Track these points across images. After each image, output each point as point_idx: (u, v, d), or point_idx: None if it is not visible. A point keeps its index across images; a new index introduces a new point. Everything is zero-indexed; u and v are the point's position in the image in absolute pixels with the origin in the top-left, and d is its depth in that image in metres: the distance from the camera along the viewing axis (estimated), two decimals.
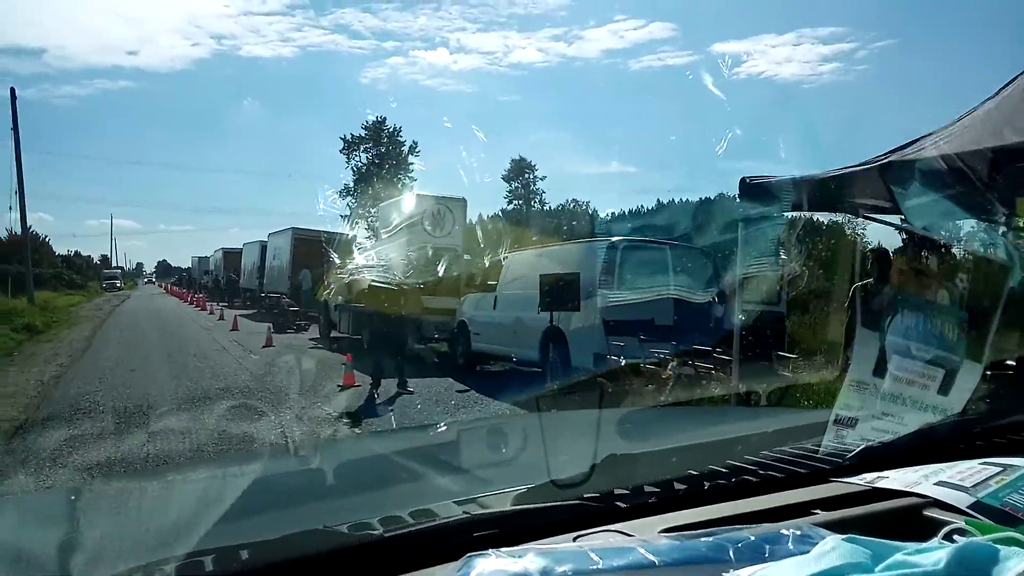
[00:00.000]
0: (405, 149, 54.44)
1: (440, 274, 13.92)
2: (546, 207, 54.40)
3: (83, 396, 9.19)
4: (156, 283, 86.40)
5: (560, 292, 9.63)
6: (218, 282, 41.12)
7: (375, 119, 55.32)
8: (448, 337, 14.06)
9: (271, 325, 19.84)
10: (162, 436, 6.83)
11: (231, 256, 40.10)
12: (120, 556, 0.98)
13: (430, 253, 15.10)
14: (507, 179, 55.04)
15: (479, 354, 12.78)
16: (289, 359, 14.14)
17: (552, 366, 10.20)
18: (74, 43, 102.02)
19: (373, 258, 15.25)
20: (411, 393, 9.94)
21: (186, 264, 69.77)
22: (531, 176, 55.58)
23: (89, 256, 74.77)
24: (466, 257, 16.84)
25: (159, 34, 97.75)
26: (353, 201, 52.42)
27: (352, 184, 53.59)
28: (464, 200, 17.28)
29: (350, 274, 15.92)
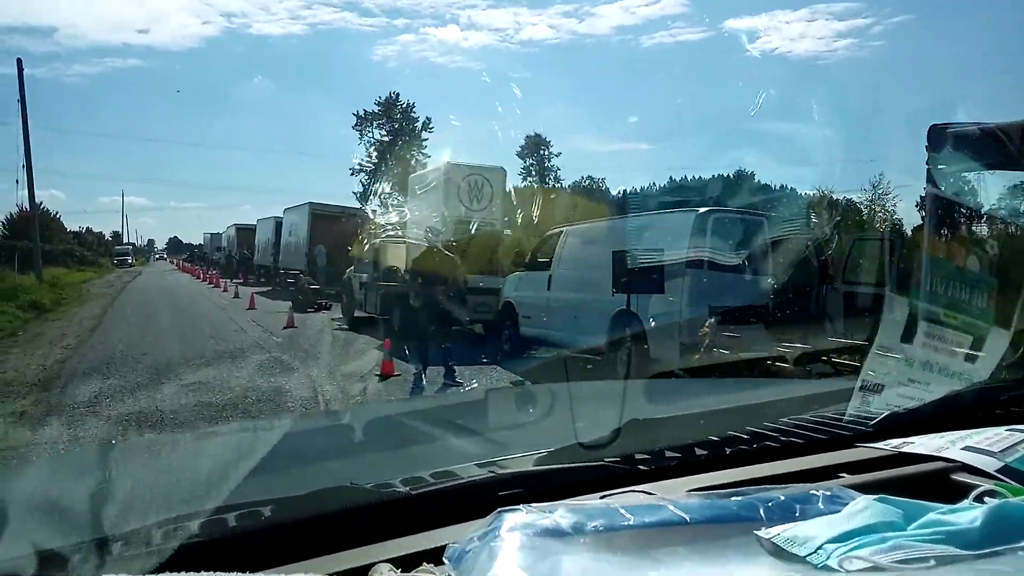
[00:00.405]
0: (419, 125, 53.75)
1: (479, 250, 12.95)
2: (560, 184, 53.41)
3: (88, 386, 8.11)
4: (168, 259, 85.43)
5: (639, 271, 8.16)
6: (231, 259, 40.25)
7: (389, 95, 54.45)
8: (492, 319, 12.52)
9: (291, 303, 18.38)
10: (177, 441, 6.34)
11: (244, 232, 39.23)
12: (150, 509, 0.98)
13: (467, 226, 13.90)
14: (521, 156, 54.01)
15: (528, 339, 11.16)
16: (316, 342, 13.13)
17: (621, 355, 8.61)
18: (84, 21, 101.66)
19: (403, 233, 14.68)
20: (459, 385, 8.68)
21: (197, 241, 68.95)
22: (546, 152, 54.55)
23: (101, 233, 73.87)
24: (507, 232, 15.39)
25: (169, 12, 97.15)
26: (367, 178, 51.98)
27: (365, 161, 53.17)
28: (503, 170, 15.50)
29: (378, 250, 15.28)
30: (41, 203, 46.79)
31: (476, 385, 8.79)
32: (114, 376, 8.80)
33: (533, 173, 53.96)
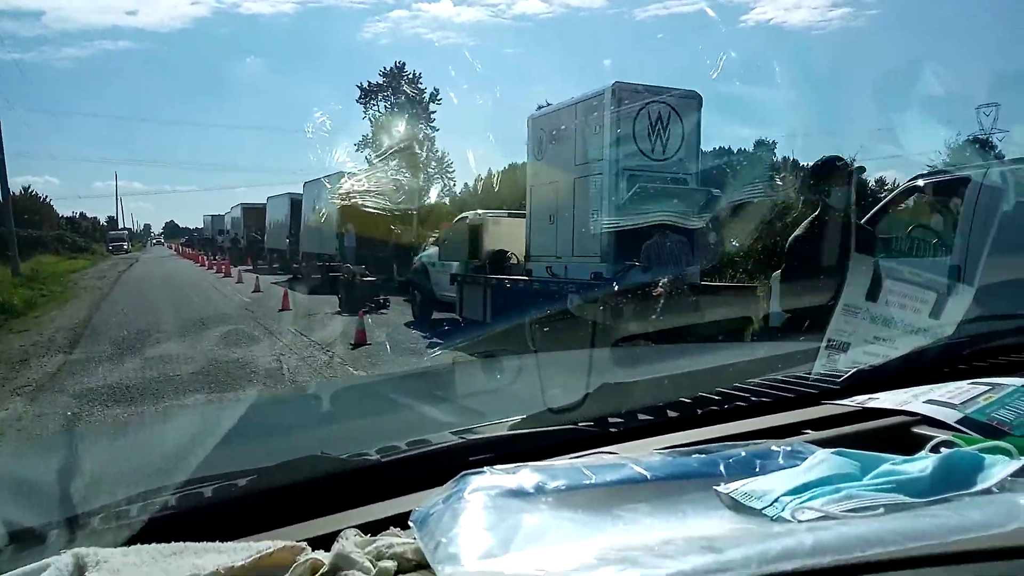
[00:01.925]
0: (426, 97, 50.88)
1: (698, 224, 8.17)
2: None
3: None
4: (165, 244, 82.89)
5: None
6: (237, 242, 36.72)
7: (394, 64, 51.70)
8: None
9: (340, 301, 14.14)
10: None
11: (252, 213, 35.38)
12: (119, 484, 1.00)
13: (653, 189, 8.50)
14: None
15: None
16: (435, 379, 4.65)
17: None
18: (72, 4, 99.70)
19: (535, 201, 10.05)
20: None
21: (195, 224, 66.10)
22: None
23: (95, 218, 70.58)
24: (715, 192, 8.92)
25: None
26: (371, 153, 48.29)
27: (370, 135, 49.42)
28: (698, 97, 9.07)
29: (478, 228, 11.50)
30: (29, 187, 44.74)
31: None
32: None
33: None
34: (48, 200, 51.62)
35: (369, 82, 51.58)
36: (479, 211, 12.77)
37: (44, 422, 5.60)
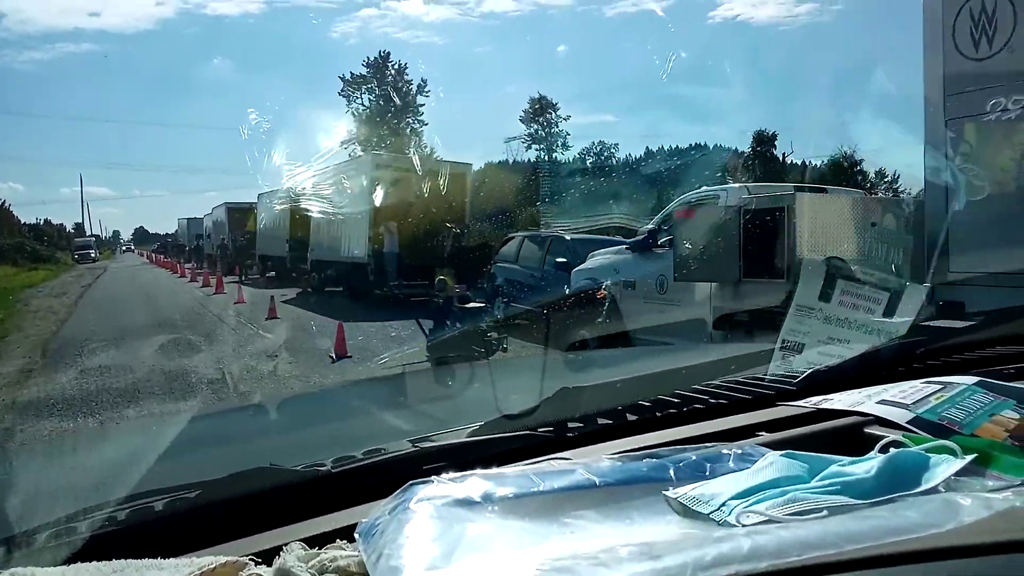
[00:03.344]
0: (413, 88, 47.68)
1: None
2: (569, 152, 48.02)
3: None
4: (136, 251, 77.84)
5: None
6: (224, 248, 30.65)
7: (379, 54, 48.32)
8: None
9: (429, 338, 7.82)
10: None
11: (237, 214, 30.24)
12: (60, 501, 0.97)
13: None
14: (525, 121, 48.63)
15: None
16: None
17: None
18: (32, 6, 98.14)
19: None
20: None
21: (166, 229, 61.57)
22: (553, 116, 48.77)
23: (61, 224, 67.25)
24: None
25: None
26: (356, 150, 44.56)
27: (354, 130, 45.32)
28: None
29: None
30: None
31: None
32: None
33: (539, 140, 48.83)
34: (8, 206, 48.30)
35: (352, 73, 48.45)
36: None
37: None
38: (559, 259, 10.81)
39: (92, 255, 51.07)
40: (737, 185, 8.83)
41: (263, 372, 8.37)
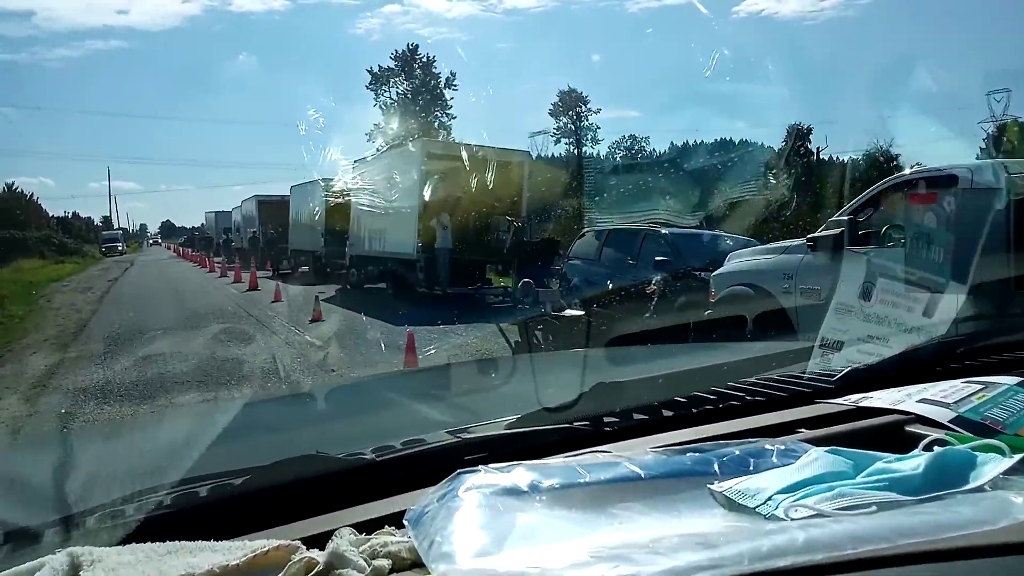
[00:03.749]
0: (441, 81, 47.28)
1: None
2: (599, 146, 46.90)
3: None
4: (162, 244, 77.99)
5: None
6: (256, 241, 29.15)
7: (407, 46, 47.73)
8: None
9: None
10: None
11: (269, 207, 28.74)
12: (114, 483, 1.00)
13: None
14: (554, 115, 47.75)
15: None
16: None
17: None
18: (62, 4, 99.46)
19: None
20: None
21: (192, 223, 60.51)
22: (584, 110, 47.93)
23: (89, 218, 65.40)
24: None
25: None
26: (383, 144, 43.46)
27: (382, 123, 45.05)
28: None
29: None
30: (13, 184, 40.49)
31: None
32: None
33: (568, 134, 47.76)
34: (35, 199, 46.84)
35: (380, 66, 48.01)
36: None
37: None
38: (659, 257, 9.37)
39: (119, 248, 51.22)
40: (991, 161, 6.78)
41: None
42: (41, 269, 27.64)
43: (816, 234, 6.27)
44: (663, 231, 10.65)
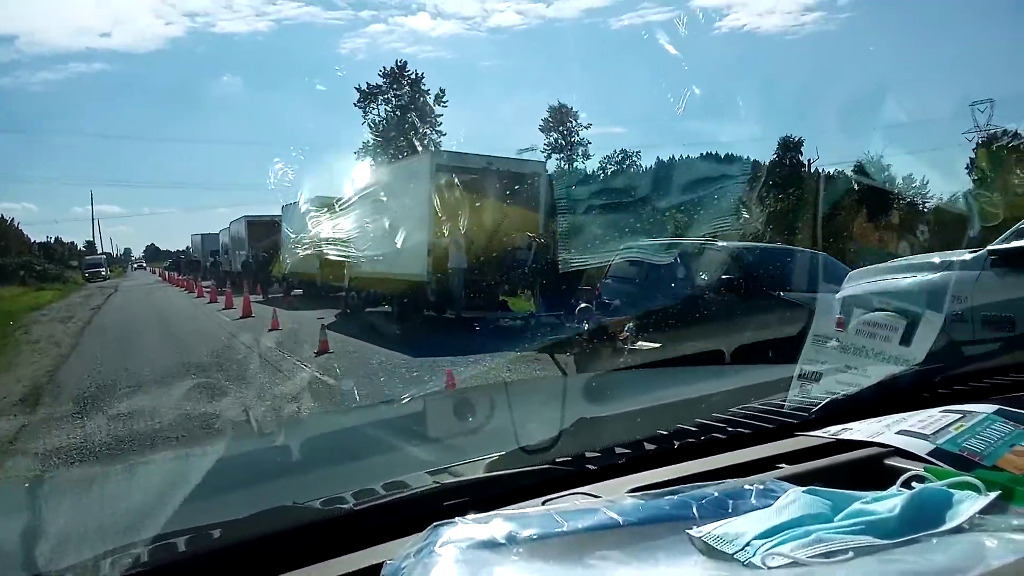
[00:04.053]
0: (430, 98, 46.70)
1: None
2: (590, 160, 46.74)
3: None
4: (148, 268, 75.40)
5: None
6: (248, 264, 27.68)
7: (395, 63, 47.34)
8: None
9: None
10: None
11: (259, 227, 27.40)
12: (85, 543, 0.98)
13: None
14: (544, 130, 48.01)
15: None
16: None
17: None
18: (45, 27, 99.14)
19: None
20: None
21: (176, 247, 58.50)
22: (573, 125, 48.29)
23: (72, 243, 64.77)
24: None
25: (131, 15, 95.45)
26: (373, 162, 42.76)
27: (370, 141, 45.42)
28: None
29: None
30: None
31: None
32: None
33: (558, 149, 47.65)
34: (16, 224, 45.66)
35: (368, 83, 47.49)
36: None
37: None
38: (727, 275, 8.39)
39: (103, 273, 49.80)
40: None
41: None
42: (21, 296, 26.67)
43: (1004, 245, 4.86)
44: (720, 244, 9.24)
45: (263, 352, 10.95)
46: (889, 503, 0.87)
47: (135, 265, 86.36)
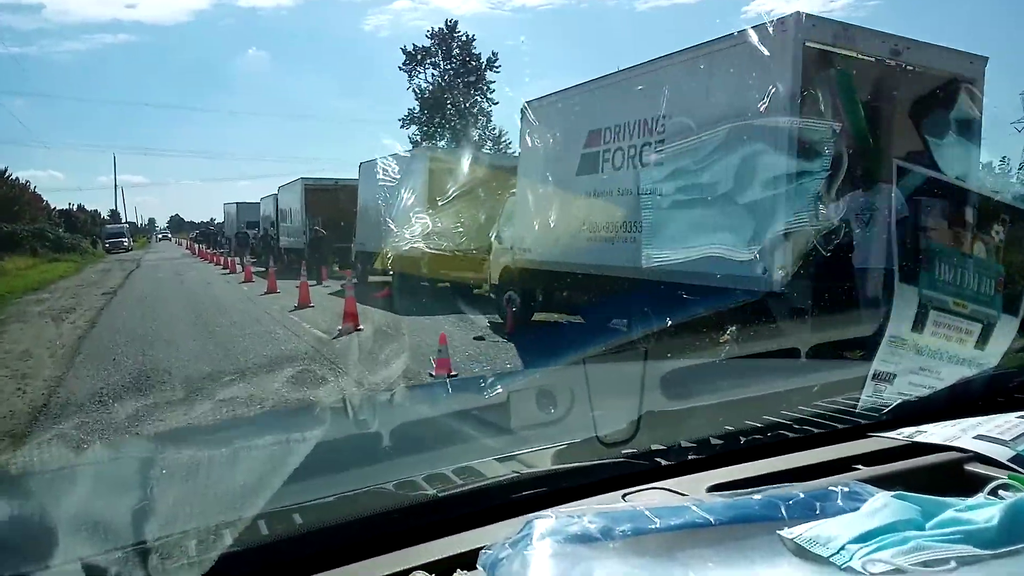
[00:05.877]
0: (483, 63, 41.45)
1: None
2: None
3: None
4: (173, 239, 72.12)
5: None
6: (318, 241, 21.50)
7: (445, 23, 41.54)
8: None
9: None
10: None
11: (320, 194, 22.40)
12: (174, 520, 1.00)
13: None
14: None
15: None
16: None
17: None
18: None
19: None
20: None
21: (200, 218, 56.22)
22: None
23: (96, 211, 59.27)
24: None
25: None
26: (418, 132, 40.16)
27: (417, 108, 41.06)
28: None
29: None
30: (6, 170, 35.34)
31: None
32: None
33: None
34: (33, 188, 39.78)
35: (415, 44, 41.77)
36: None
37: None
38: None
39: (125, 244, 45.30)
40: None
41: None
42: (30, 269, 23.00)
43: None
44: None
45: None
46: (986, 512, 0.86)
47: (160, 236, 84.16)
